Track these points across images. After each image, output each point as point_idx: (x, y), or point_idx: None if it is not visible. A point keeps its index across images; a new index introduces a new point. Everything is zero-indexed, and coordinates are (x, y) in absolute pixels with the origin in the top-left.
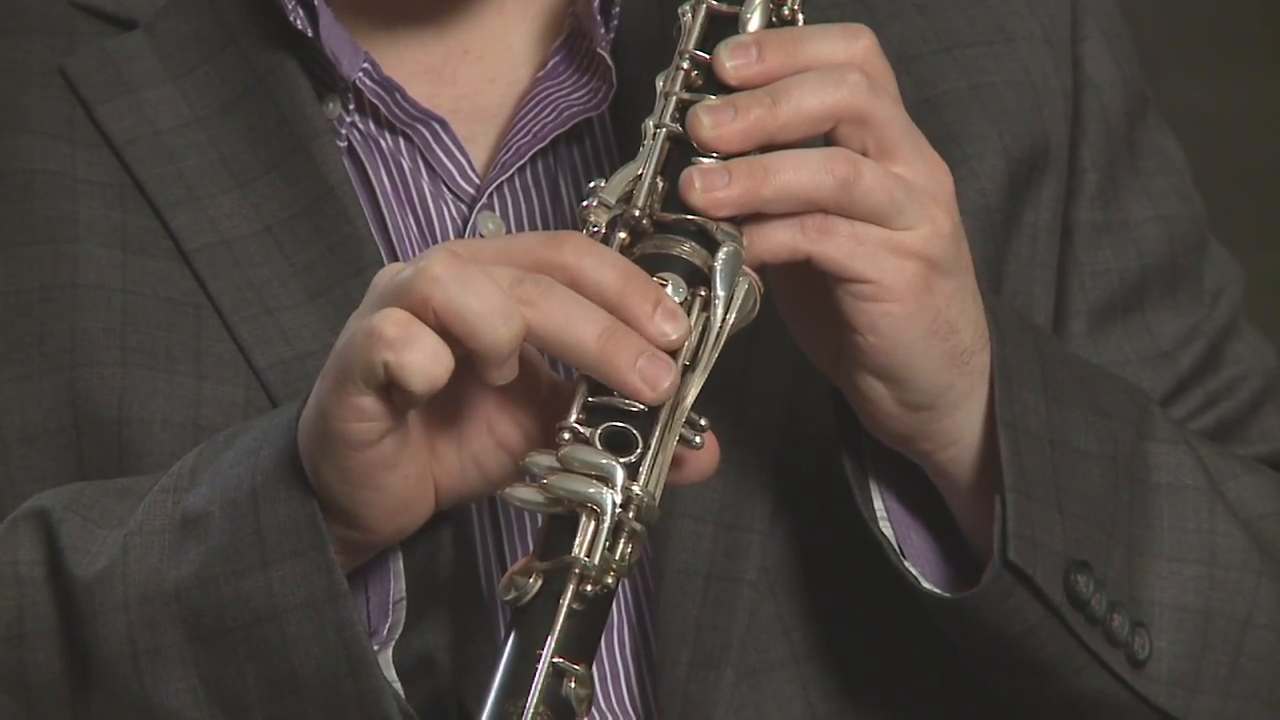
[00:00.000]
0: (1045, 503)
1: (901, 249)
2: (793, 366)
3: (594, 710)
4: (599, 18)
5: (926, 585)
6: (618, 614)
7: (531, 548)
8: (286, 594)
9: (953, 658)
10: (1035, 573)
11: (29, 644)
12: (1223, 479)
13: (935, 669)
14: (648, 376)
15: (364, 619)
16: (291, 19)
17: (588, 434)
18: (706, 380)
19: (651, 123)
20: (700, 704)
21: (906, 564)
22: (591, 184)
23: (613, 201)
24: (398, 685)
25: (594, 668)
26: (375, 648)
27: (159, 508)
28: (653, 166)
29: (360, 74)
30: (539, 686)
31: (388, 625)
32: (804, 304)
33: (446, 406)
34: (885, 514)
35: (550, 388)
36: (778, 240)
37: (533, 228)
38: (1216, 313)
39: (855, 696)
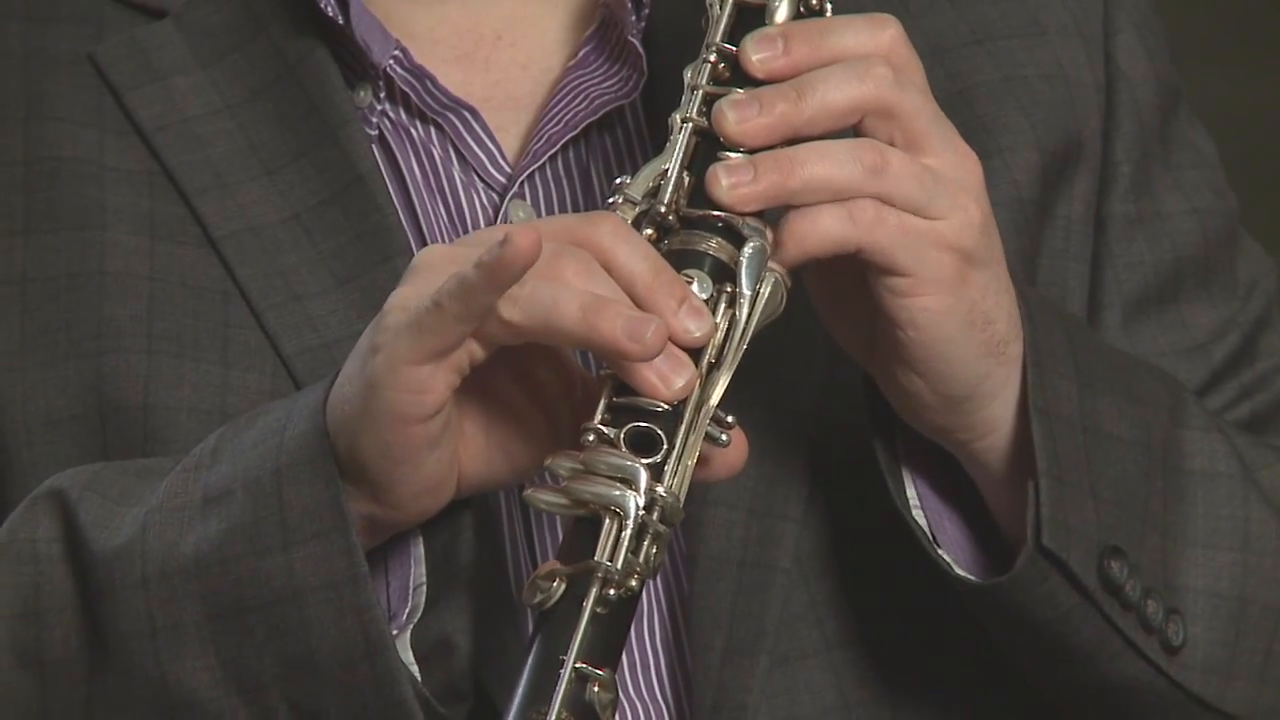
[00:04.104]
0: (1079, 488)
1: (939, 241)
2: (825, 355)
3: (626, 699)
4: (630, 6)
5: (960, 572)
6: (649, 602)
7: (557, 549)
8: (307, 575)
9: (985, 646)
10: (1069, 558)
11: (45, 620)
12: (1256, 467)
13: (967, 657)
14: (663, 374)
15: (383, 602)
16: (322, 6)
17: (612, 434)
18: (733, 377)
19: (678, 116)
20: (733, 691)
21: (940, 551)
22: (617, 180)
23: (639, 197)
24: (415, 669)
25: (626, 657)
26: (394, 631)
27: (180, 486)
28: (679, 161)
29: (391, 61)
30: (562, 692)
31: (407, 610)
32: (838, 295)
33: (480, 391)
34: (918, 501)
35: (582, 385)
36: (827, 233)
37: None
38: (1250, 305)
39: (888, 684)
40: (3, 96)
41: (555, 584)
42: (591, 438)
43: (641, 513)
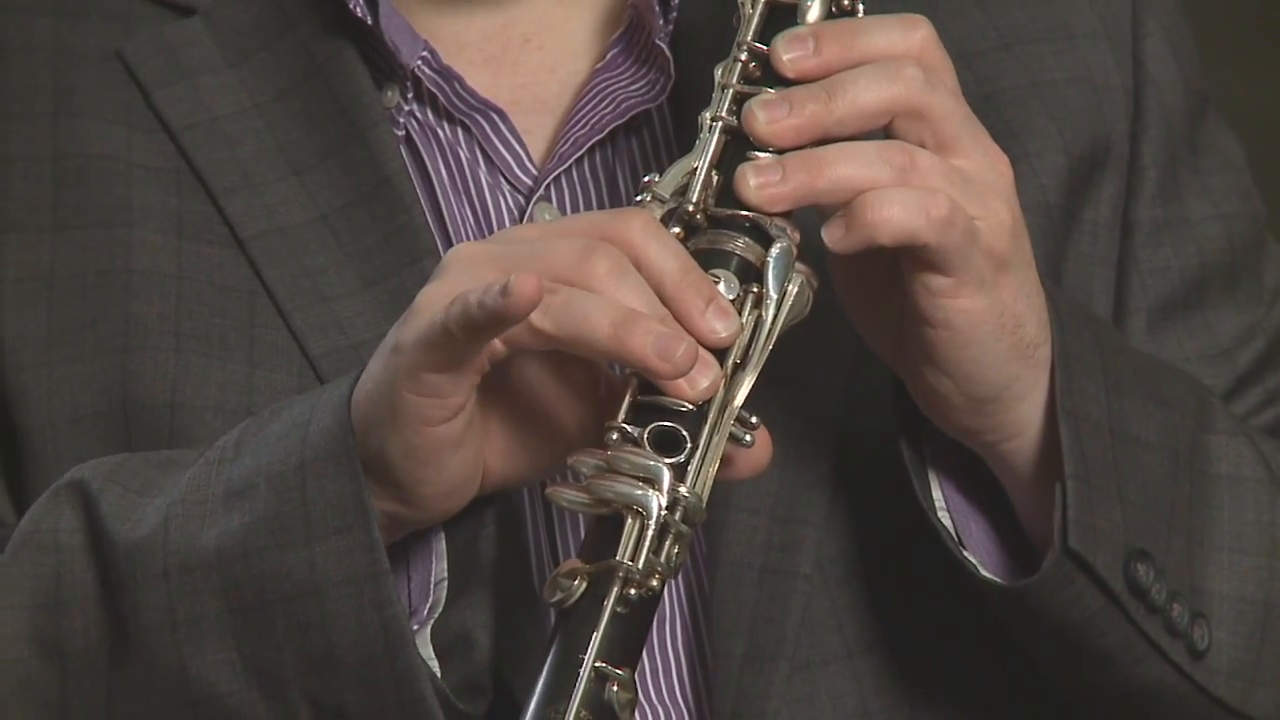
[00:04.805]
0: (1106, 491)
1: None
2: (849, 361)
3: (647, 702)
4: (658, 9)
5: (986, 574)
6: (670, 606)
7: (580, 547)
8: (329, 570)
9: (1006, 652)
10: (1095, 560)
11: (66, 610)
12: None
13: (988, 663)
14: (688, 375)
15: (404, 598)
16: (351, 6)
17: (636, 433)
18: (758, 378)
19: (708, 115)
20: (753, 697)
21: (966, 553)
22: (646, 178)
23: (667, 195)
24: (434, 664)
25: (646, 660)
26: (415, 627)
27: (202, 479)
28: (708, 160)
29: (419, 62)
30: (581, 690)
31: (428, 605)
32: (867, 294)
33: (505, 388)
34: (944, 503)
35: (608, 385)
36: (901, 226)
37: None
38: (1276, 311)
39: (909, 691)
40: (32, 92)
41: (576, 582)
42: (615, 436)
43: (664, 513)
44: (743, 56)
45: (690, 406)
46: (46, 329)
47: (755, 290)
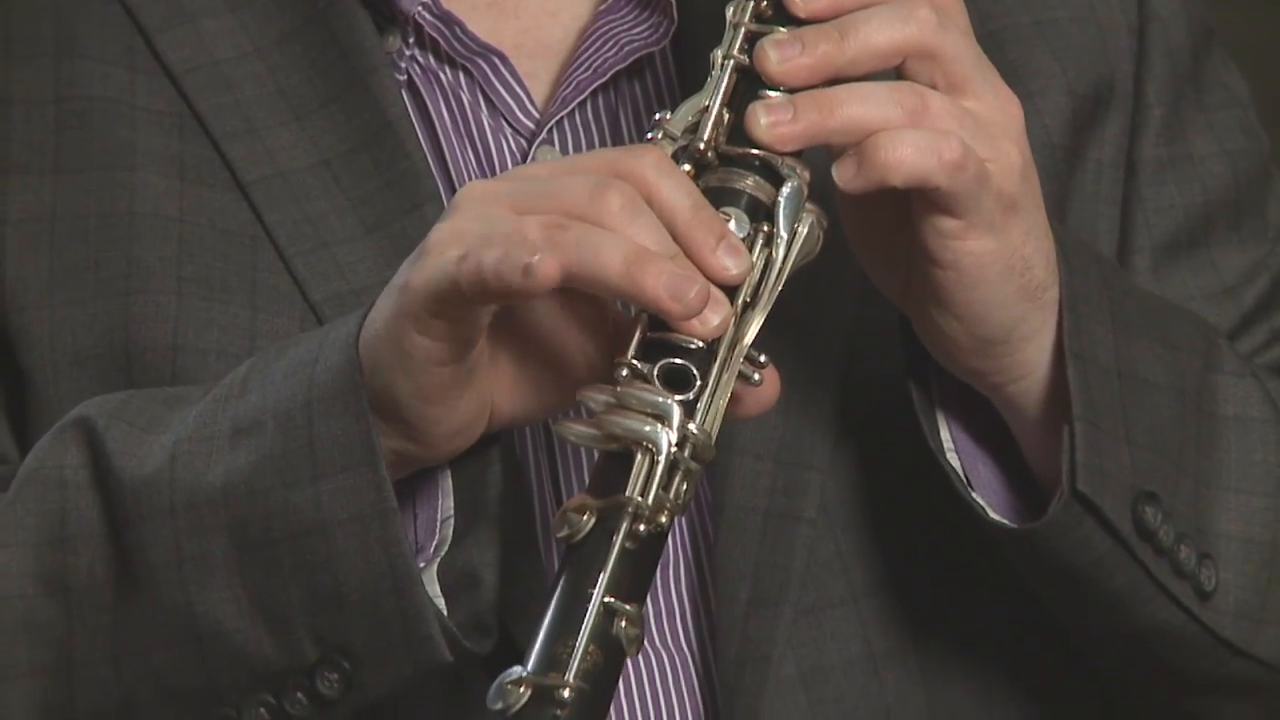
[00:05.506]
0: (1113, 433)
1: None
2: (854, 306)
3: (651, 648)
4: None
5: (994, 516)
6: (675, 551)
7: (587, 481)
8: (335, 508)
9: (1011, 595)
10: (1103, 502)
11: (71, 547)
12: None
13: (993, 606)
14: (700, 313)
15: (410, 536)
16: None
17: (645, 370)
18: (767, 317)
19: (719, 53)
20: (758, 641)
21: (974, 494)
22: (657, 115)
23: (678, 133)
24: (441, 602)
25: (651, 605)
26: (421, 564)
27: (209, 416)
28: (719, 98)
29: (420, 7)
30: (589, 626)
31: (434, 542)
32: (876, 233)
33: (514, 325)
34: (952, 444)
35: (615, 322)
36: (914, 167)
37: None
38: None
39: (914, 634)
40: (34, 36)
41: (585, 518)
42: (625, 372)
43: (674, 449)
44: None
45: (700, 344)
46: (48, 271)
47: (765, 229)
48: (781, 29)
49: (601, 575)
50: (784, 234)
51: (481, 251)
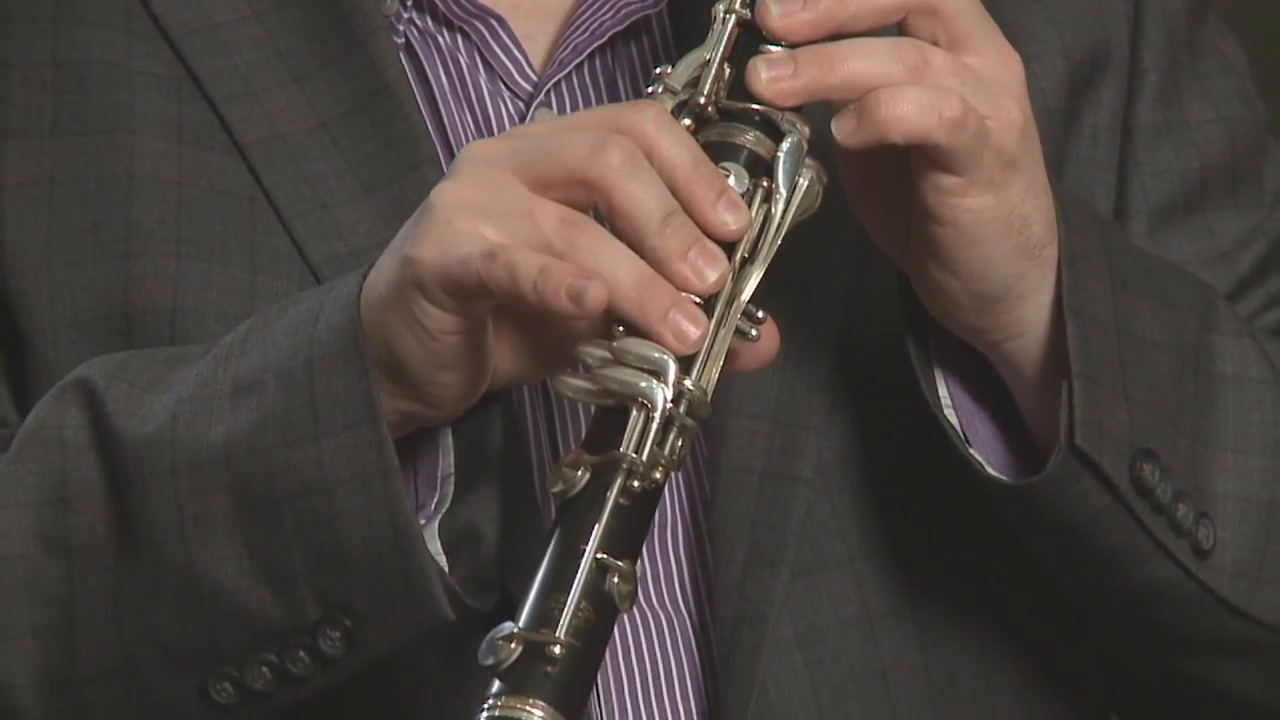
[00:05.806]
0: (1112, 390)
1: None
2: (852, 266)
3: (647, 608)
4: None
5: (992, 472)
6: (671, 512)
7: (583, 437)
8: (337, 467)
9: (1008, 555)
10: (1101, 459)
11: (72, 507)
12: None
13: (990, 567)
14: (696, 267)
15: (411, 493)
16: None
17: None
18: (766, 273)
19: (721, 7)
20: (755, 602)
21: (972, 451)
22: (657, 70)
23: (678, 88)
24: (442, 559)
25: (648, 566)
26: (422, 522)
27: (210, 375)
28: (720, 53)
29: None
30: (581, 581)
31: (435, 499)
32: (875, 189)
33: None
34: (950, 401)
35: None
36: (912, 123)
37: None
38: (1277, 214)
39: (911, 594)
40: (32, 0)
41: (580, 473)
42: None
43: (669, 405)
44: None
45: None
46: (47, 234)
47: (765, 184)
48: None
49: (594, 531)
50: (783, 189)
51: (515, 258)
